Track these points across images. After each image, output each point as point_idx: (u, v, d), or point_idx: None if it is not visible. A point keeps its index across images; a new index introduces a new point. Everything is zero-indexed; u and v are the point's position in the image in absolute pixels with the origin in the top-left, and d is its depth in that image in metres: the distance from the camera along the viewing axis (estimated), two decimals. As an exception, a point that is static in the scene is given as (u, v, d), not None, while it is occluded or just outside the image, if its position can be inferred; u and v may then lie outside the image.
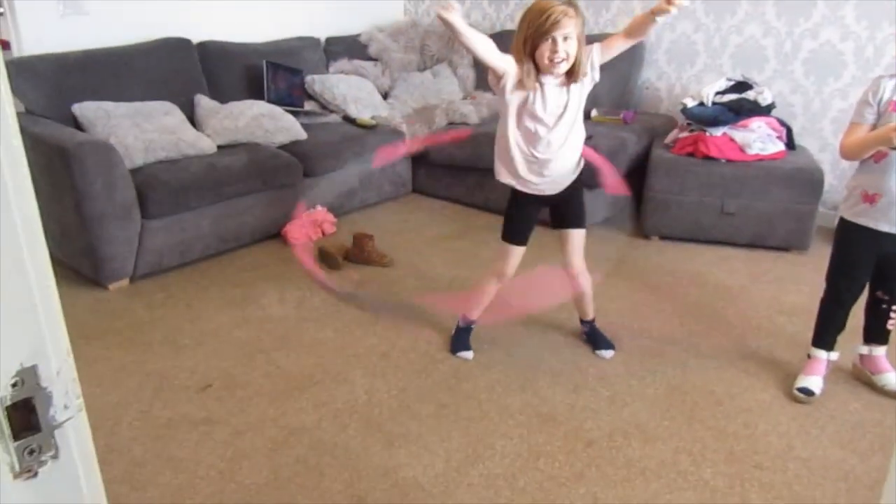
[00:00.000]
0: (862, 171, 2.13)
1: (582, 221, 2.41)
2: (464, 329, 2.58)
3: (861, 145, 2.05)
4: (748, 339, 2.66)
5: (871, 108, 2.06)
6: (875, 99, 2.04)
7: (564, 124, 2.18)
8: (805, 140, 3.71)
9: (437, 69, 4.62)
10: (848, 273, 2.22)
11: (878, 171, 2.05)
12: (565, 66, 2.09)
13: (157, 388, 2.32)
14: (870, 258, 2.17)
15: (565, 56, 2.06)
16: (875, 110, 2.05)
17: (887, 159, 2.02)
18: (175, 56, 3.69)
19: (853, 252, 2.20)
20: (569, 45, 2.05)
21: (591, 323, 2.60)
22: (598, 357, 2.52)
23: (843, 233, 2.22)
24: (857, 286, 2.23)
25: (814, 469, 1.97)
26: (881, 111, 2.04)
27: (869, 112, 2.06)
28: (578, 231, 2.40)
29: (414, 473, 1.93)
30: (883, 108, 2.04)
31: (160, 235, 3.07)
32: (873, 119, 2.06)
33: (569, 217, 2.39)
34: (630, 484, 1.90)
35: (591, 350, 2.56)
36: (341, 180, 3.82)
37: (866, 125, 2.07)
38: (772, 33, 3.74)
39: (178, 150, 3.25)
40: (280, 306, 2.89)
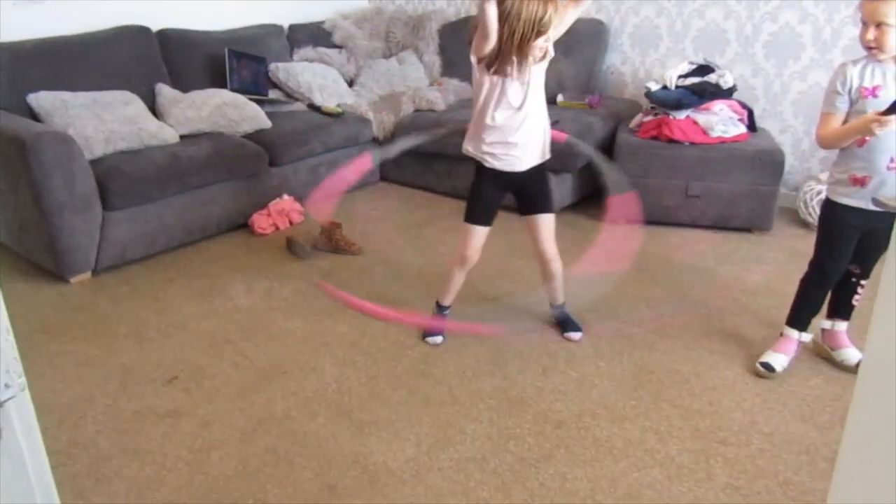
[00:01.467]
0: (847, 156, 2.12)
1: (550, 205, 2.42)
2: (438, 317, 2.58)
3: (842, 136, 2.07)
4: (713, 319, 2.71)
5: (842, 96, 2.07)
6: (844, 88, 2.06)
7: (531, 99, 2.21)
8: (766, 122, 3.77)
9: (403, 56, 4.59)
10: (835, 254, 2.22)
11: (864, 154, 2.06)
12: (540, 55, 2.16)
13: (122, 381, 2.28)
14: (856, 236, 2.18)
15: (546, 50, 2.14)
16: (846, 98, 2.07)
17: (870, 143, 2.04)
18: (134, 44, 3.62)
19: (843, 232, 2.18)
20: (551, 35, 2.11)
21: (562, 307, 2.62)
22: (567, 339, 2.54)
23: (831, 215, 2.20)
24: (843, 265, 2.24)
25: (776, 443, 2.01)
26: (853, 98, 2.06)
27: (840, 101, 2.08)
28: (548, 216, 2.41)
29: (384, 459, 1.93)
30: (854, 95, 2.05)
31: (123, 227, 3.01)
32: (846, 107, 2.08)
33: (536, 201, 2.40)
34: (598, 463, 1.93)
35: (560, 333, 2.58)
36: (308, 169, 3.79)
37: (839, 115, 2.08)
38: (732, 17, 3.78)
39: (139, 141, 3.19)
40: (248, 296, 2.87)
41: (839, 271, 2.24)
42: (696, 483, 1.86)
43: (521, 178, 2.33)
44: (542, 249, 2.45)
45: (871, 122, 1.93)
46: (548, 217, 2.41)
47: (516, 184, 2.36)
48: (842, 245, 2.19)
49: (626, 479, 1.87)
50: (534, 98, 2.22)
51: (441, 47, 4.63)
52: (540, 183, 2.39)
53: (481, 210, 2.41)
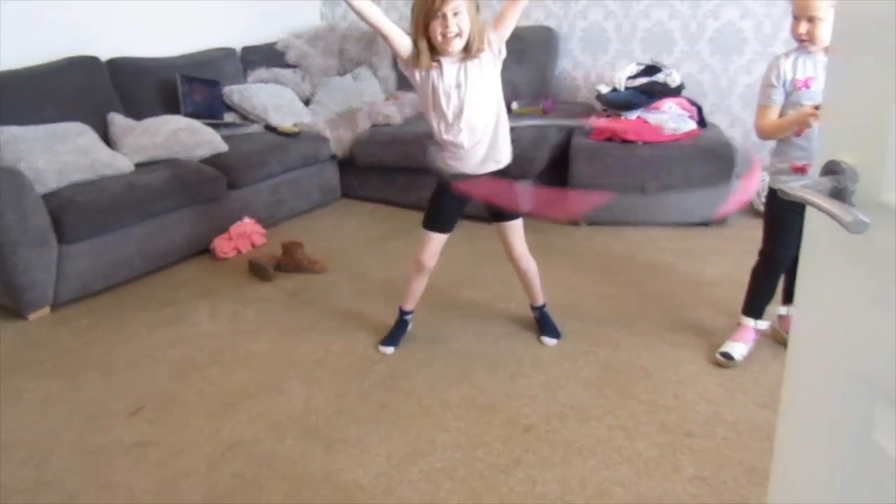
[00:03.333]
0: (786, 146, 2.19)
1: (517, 211, 2.43)
2: (399, 324, 2.60)
3: (780, 128, 2.13)
4: (676, 314, 2.75)
5: (777, 89, 2.14)
6: (779, 80, 2.13)
7: (470, 104, 2.19)
8: (715, 117, 3.85)
9: (358, 72, 4.61)
10: (783, 241, 2.27)
11: (803, 143, 2.13)
12: (459, 43, 2.10)
13: (87, 415, 2.25)
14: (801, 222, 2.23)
15: (458, 31, 2.07)
16: (782, 90, 2.14)
17: (808, 132, 2.10)
18: (84, 75, 3.58)
19: (788, 220, 2.23)
20: (460, 20, 2.07)
21: (542, 308, 2.62)
22: (541, 343, 2.56)
23: (775, 203, 2.27)
24: (792, 252, 2.28)
25: (741, 431, 2.05)
26: (788, 90, 2.13)
27: (776, 94, 2.14)
28: (515, 223, 2.42)
29: (354, 476, 1.93)
30: (789, 87, 2.12)
31: (81, 260, 2.97)
32: (782, 99, 2.15)
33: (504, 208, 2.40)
34: (567, 464, 1.94)
35: (536, 337, 2.59)
36: (268, 190, 3.78)
37: (776, 107, 2.15)
38: (677, 16, 3.87)
39: (94, 171, 3.16)
40: (212, 322, 2.85)
41: (788, 258, 2.29)
42: (665, 477, 1.88)
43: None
44: (512, 254, 2.47)
45: (808, 115, 2.00)
46: (516, 223, 2.43)
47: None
48: (789, 232, 2.24)
49: (596, 478, 1.89)
50: (479, 99, 2.20)
51: (395, 62, 4.65)
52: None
53: (437, 217, 2.42)
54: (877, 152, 0.68)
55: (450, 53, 2.14)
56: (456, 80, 2.18)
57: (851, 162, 0.69)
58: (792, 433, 0.86)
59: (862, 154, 0.69)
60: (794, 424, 0.85)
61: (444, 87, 2.18)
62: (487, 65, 2.20)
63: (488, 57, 2.19)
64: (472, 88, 2.18)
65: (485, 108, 2.23)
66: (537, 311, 2.64)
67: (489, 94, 2.23)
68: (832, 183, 0.70)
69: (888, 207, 0.67)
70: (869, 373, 0.73)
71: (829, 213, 0.67)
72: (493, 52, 2.19)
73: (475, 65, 2.18)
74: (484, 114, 2.23)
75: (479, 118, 2.22)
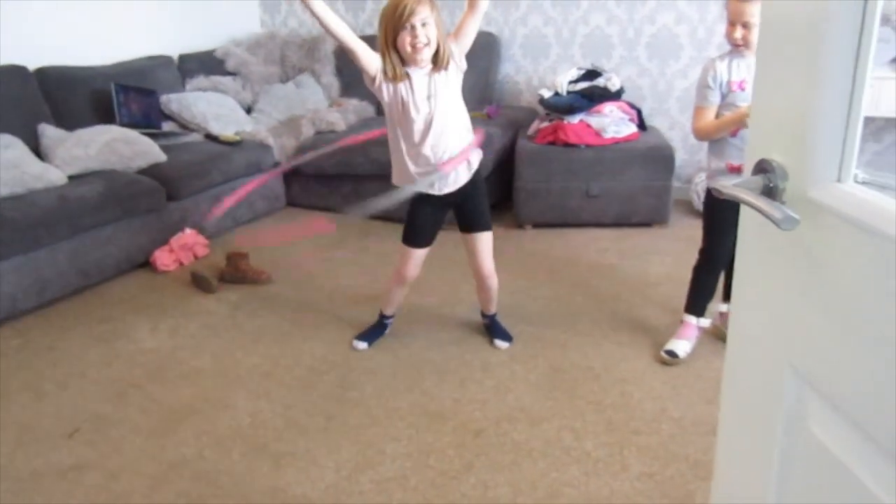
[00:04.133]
0: (720, 147, 2.24)
1: (485, 223, 2.41)
2: (378, 324, 2.63)
3: (717, 129, 2.20)
4: (620, 313, 2.79)
5: (713, 90, 2.20)
6: (715, 82, 2.19)
7: (440, 116, 2.19)
8: (655, 120, 3.94)
9: (300, 79, 4.56)
10: (721, 239, 2.32)
11: (738, 143, 2.18)
12: (429, 52, 2.12)
13: (17, 439, 2.15)
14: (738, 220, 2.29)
15: (426, 41, 2.08)
16: (718, 92, 2.20)
17: (743, 132, 2.16)
18: (11, 85, 3.44)
19: (727, 217, 2.21)
20: (428, 31, 2.08)
21: (493, 317, 2.64)
22: (494, 347, 2.57)
23: (713, 203, 2.29)
24: (730, 249, 2.34)
25: (686, 426, 2.09)
26: (724, 92, 2.19)
27: (712, 95, 2.20)
28: (483, 234, 2.41)
29: (303, 490, 1.89)
30: (725, 89, 2.19)
31: (11, 277, 2.84)
32: (718, 100, 2.21)
33: (473, 219, 2.39)
34: (518, 467, 1.95)
35: (489, 342, 2.59)
36: (209, 201, 3.70)
37: (712, 108, 2.22)
38: (615, 21, 3.94)
39: (23, 185, 3.03)
40: (153, 337, 2.76)
41: (726, 255, 2.35)
42: (613, 476, 1.90)
43: (455, 198, 2.32)
44: (478, 267, 2.46)
45: (745, 115, 2.06)
46: (485, 235, 2.41)
47: (453, 202, 2.35)
48: (726, 230, 2.29)
49: (546, 479, 1.89)
50: (448, 111, 2.20)
51: (338, 68, 4.62)
52: (476, 200, 2.37)
53: (415, 232, 2.41)
54: (803, 151, 0.70)
55: (419, 64, 2.14)
56: (427, 92, 2.18)
57: (781, 160, 0.71)
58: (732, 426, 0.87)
59: (790, 153, 0.70)
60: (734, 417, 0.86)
61: (415, 100, 2.17)
62: (452, 76, 2.21)
63: (452, 68, 2.19)
64: (441, 100, 2.18)
65: (453, 119, 2.23)
66: (488, 318, 2.64)
67: (456, 105, 2.24)
68: (763, 181, 0.71)
69: (816, 204, 0.69)
70: (802, 365, 0.74)
71: (761, 211, 0.68)
72: (455, 62, 2.19)
73: (443, 76, 2.18)
74: (453, 125, 2.23)
75: (448, 130, 2.22)
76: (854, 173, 0.69)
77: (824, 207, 0.67)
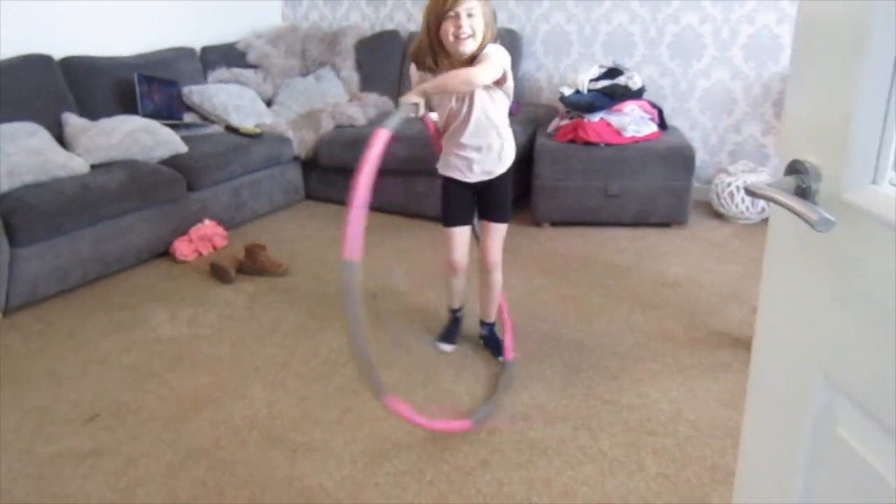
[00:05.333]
0: None
1: (501, 216, 2.37)
2: (451, 321, 2.62)
3: None
4: (637, 313, 2.78)
5: None
6: None
7: (480, 112, 2.15)
8: (676, 120, 3.91)
9: (321, 73, 4.57)
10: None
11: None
12: (472, 44, 2.04)
13: (37, 423, 2.17)
14: None
15: (471, 32, 2.02)
16: None
17: None
18: (36, 74, 3.48)
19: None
20: (474, 22, 2.02)
21: (491, 327, 2.57)
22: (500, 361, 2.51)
23: None
24: None
25: (702, 429, 2.08)
26: None
27: None
28: (496, 225, 2.37)
29: (319, 480, 1.90)
30: None
31: (34, 263, 2.88)
32: None
33: (489, 208, 2.36)
34: (532, 465, 1.94)
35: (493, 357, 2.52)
36: (229, 192, 3.72)
37: None
38: (638, 20, 3.92)
39: (46, 173, 3.06)
40: (171, 326, 2.78)
41: None
42: (629, 476, 1.89)
43: (481, 184, 2.31)
44: (483, 255, 2.43)
45: None
46: (496, 227, 2.37)
47: (479, 188, 2.33)
48: None
49: (561, 478, 1.89)
50: (483, 113, 2.16)
51: (358, 62, 4.63)
52: (500, 191, 2.34)
53: (448, 210, 2.38)
54: (839, 152, 0.69)
55: (461, 55, 2.07)
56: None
57: (815, 161, 0.70)
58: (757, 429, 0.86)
59: (824, 154, 0.69)
60: (759, 420, 0.86)
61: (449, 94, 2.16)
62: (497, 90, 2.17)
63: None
64: (481, 103, 2.14)
65: (490, 121, 2.19)
66: (487, 328, 2.57)
67: (496, 111, 2.20)
68: (796, 182, 0.71)
69: (850, 206, 0.68)
70: (832, 369, 0.74)
71: (796, 212, 0.67)
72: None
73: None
74: (488, 127, 2.20)
75: (483, 131, 2.20)
76: (889, 175, 0.69)
77: (860, 210, 0.67)
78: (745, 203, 3.59)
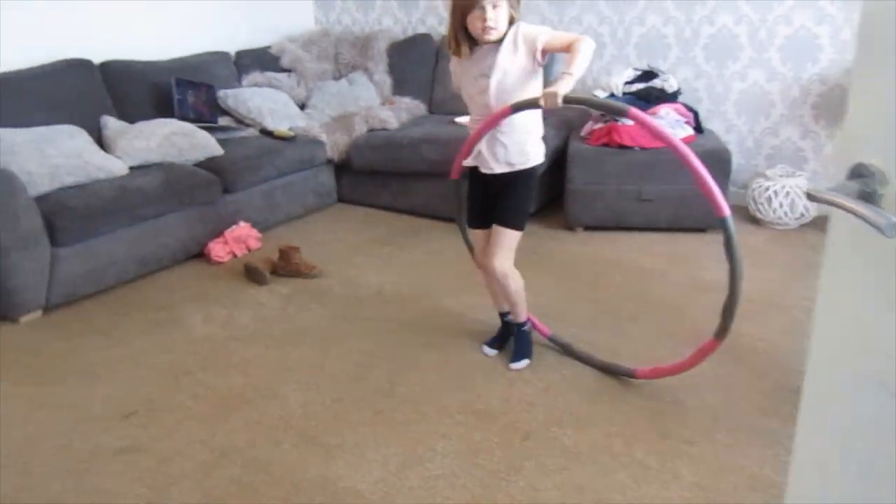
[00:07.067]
0: None
1: (508, 220, 2.29)
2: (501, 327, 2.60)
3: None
4: (672, 320, 2.74)
5: None
6: None
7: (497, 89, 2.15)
8: (711, 123, 3.86)
9: (353, 77, 4.59)
10: None
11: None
12: (496, 35, 2.10)
13: (74, 420, 2.21)
14: None
15: (495, 24, 2.08)
16: None
17: None
18: (76, 78, 3.55)
19: None
20: (498, 14, 2.07)
21: (517, 326, 2.51)
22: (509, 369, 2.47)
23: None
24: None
25: (740, 438, 2.04)
26: None
27: None
28: (498, 228, 2.30)
29: (353, 482, 1.90)
30: None
31: (73, 263, 2.94)
32: None
33: (497, 210, 2.32)
34: (567, 471, 1.92)
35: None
36: (263, 194, 3.75)
37: None
38: (672, 22, 3.87)
39: (86, 175, 3.12)
40: (206, 326, 2.81)
41: None
42: (663, 484, 1.86)
43: (494, 183, 2.29)
44: (484, 259, 2.38)
45: None
46: (501, 230, 2.30)
47: (493, 189, 2.31)
48: None
49: (594, 485, 1.87)
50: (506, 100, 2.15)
51: (390, 66, 4.64)
52: (511, 195, 2.29)
53: (468, 210, 2.44)
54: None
55: (485, 43, 2.14)
56: (481, 71, 2.18)
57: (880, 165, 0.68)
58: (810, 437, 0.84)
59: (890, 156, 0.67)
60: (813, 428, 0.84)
61: (471, 73, 2.21)
62: (521, 61, 2.14)
63: (523, 54, 2.13)
64: (499, 76, 2.14)
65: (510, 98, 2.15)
66: (512, 326, 2.53)
67: (520, 91, 2.16)
68: (860, 186, 0.68)
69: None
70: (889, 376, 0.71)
71: (863, 217, 0.65)
72: (531, 53, 2.12)
73: (508, 56, 2.13)
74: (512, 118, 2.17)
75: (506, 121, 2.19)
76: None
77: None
78: (783, 208, 3.53)
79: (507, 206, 2.30)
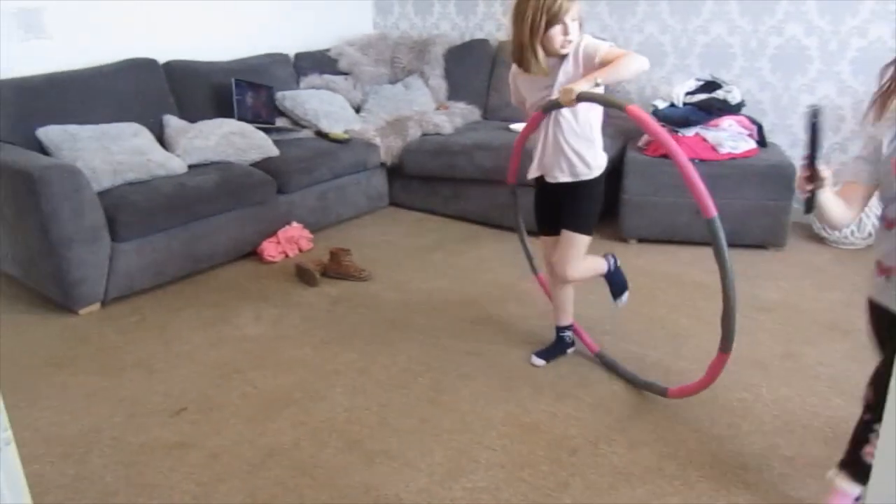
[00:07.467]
0: (877, 238, 1.66)
1: (574, 224, 2.31)
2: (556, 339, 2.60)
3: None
4: (729, 338, 2.65)
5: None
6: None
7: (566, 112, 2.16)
8: (776, 137, 3.74)
9: (409, 81, 4.60)
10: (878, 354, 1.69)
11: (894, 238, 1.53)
12: (572, 48, 2.11)
13: (129, 413, 2.26)
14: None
15: (574, 38, 2.10)
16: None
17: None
18: (141, 77, 3.64)
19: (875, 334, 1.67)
20: (576, 27, 2.09)
21: (558, 329, 2.57)
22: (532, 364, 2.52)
23: (868, 312, 1.68)
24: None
25: (798, 467, 1.95)
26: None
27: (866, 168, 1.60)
28: (568, 233, 2.32)
29: (396, 490, 1.89)
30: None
31: (131, 258, 3.01)
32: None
33: (563, 216, 2.34)
34: (616, 492, 1.87)
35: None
36: (316, 196, 3.79)
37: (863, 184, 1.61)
38: (737, 31, 3.77)
39: (147, 172, 3.20)
40: (256, 325, 2.84)
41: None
42: (717, 510, 1.80)
43: (559, 190, 2.30)
44: (552, 265, 2.43)
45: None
46: (568, 235, 2.32)
47: (559, 197, 2.32)
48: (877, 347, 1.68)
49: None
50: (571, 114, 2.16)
51: (446, 71, 4.64)
52: (576, 201, 2.31)
53: (537, 217, 2.46)
54: None
55: (559, 55, 2.13)
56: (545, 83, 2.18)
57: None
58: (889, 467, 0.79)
59: None
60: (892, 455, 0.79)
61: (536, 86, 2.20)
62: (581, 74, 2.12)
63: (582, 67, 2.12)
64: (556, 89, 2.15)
65: (576, 124, 2.18)
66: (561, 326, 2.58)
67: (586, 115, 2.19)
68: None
69: None
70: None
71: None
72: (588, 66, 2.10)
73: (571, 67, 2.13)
74: (573, 129, 2.19)
75: (566, 131, 2.19)
76: None
77: None
78: (849, 227, 3.39)
79: (573, 211, 2.33)
